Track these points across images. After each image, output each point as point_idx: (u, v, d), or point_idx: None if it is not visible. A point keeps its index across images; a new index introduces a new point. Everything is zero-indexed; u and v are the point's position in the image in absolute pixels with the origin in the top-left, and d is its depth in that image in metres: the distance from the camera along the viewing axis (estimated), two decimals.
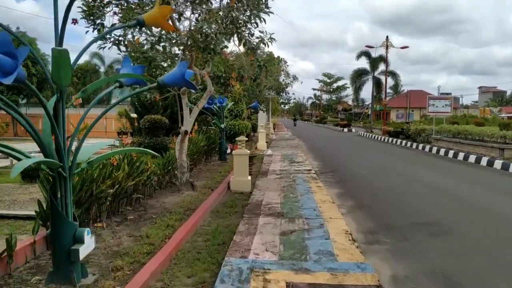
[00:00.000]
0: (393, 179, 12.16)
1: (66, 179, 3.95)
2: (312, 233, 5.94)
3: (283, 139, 29.75)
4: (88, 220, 5.77)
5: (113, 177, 6.18)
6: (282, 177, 11.38)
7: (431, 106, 23.54)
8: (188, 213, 6.80)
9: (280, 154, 17.92)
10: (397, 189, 10.44)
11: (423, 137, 24.74)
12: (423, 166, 15.52)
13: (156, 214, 6.76)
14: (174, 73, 3.96)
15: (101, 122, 32.96)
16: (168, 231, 5.64)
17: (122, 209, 6.83)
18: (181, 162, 8.60)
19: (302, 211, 7.33)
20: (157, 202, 7.71)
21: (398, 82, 40.33)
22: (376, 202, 8.88)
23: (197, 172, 11.67)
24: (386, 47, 34.17)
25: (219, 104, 13.28)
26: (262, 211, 7.32)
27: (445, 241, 6.14)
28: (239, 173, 9.51)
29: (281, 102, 38.90)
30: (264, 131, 21.07)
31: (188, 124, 8.78)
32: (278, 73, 24.85)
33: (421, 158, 18.50)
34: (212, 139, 14.18)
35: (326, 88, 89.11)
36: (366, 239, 6.21)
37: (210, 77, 9.79)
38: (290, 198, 8.45)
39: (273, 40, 8.55)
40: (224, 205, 7.88)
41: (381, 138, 31.02)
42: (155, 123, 11.87)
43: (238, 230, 6.08)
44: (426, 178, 12.34)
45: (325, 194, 8.95)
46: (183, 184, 8.64)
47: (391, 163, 16.14)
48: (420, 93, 67.35)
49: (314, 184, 10.33)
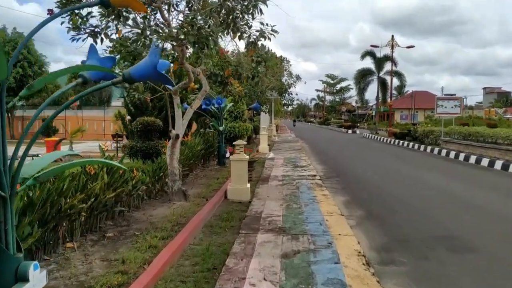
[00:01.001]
0: (403, 184, 11.28)
1: (5, 200, 3.09)
2: (319, 255, 5.07)
3: (286, 142, 28.88)
4: (56, 240, 4.93)
5: (88, 189, 5.34)
6: (284, 184, 10.51)
7: (439, 107, 22.62)
8: (176, 228, 5.95)
9: (283, 158, 17.06)
10: (408, 196, 9.57)
11: (431, 139, 23.81)
12: (433, 170, 14.62)
13: (140, 230, 5.91)
14: (144, 64, 3.09)
15: (99, 124, 32.22)
16: (149, 254, 4.79)
17: (101, 224, 5.99)
18: (172, 169, 7.76)
19: (307, 225, 6.46)
20: (144, 214, 6.86)
21: (404, 83, 39.28)
22: (387, 212, 8.04)
23: (193, 179, 10.83)
24: (391, 46, 33.27)
25: (217, 105, 12.43)
26: (262, 225, 6.46)
27: (471, 261, 5.32)
28: (237, 180, 8.66)
29: (284, 104, 38.00)
30: (266, 133, 20.21)
31: (180, 127, 7.94)
32: (280, 73, 23.99)
33: (430, 161, 17.60)
34: (210, 142, 13.33)
35: (329, 89, 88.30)
36: (380, 259, 5.36)
37: (206, 76, 8.95)
38: (293, 209, 7.58)
39: (275, 33, 7.71)
40: (219, 218, 7.02)
41: (386, 140, 30.10)
42: (147, 125, 11.02)
43: (232, 251, 5.22)
44: (438, 183, 11.46)
45: (332, 204, 8.08)
46: (175, 193, 7.79)
47: (399, 167, 15.25)
48: (425, 94, 66.31)
49: (320, 192, 9.46)
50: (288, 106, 42.40)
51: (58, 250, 4.89)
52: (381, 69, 38.59)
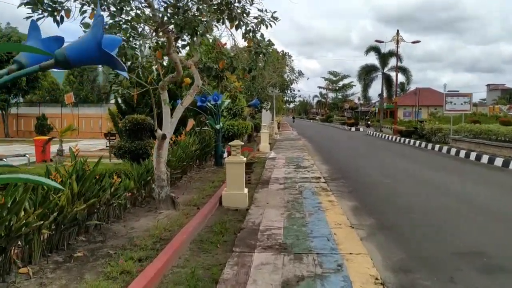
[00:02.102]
0: (414, 187, 10.36)
1: None
2: (328, 283, 4.16)
3: (288, 140, 27.95)
4: (8, 265, 4.04)
5: (49, 202, 4.44)
6: (286, 188, 9.61)
7: (448, 104, 21.63)
8: (159, 245, 5.06)
9: (285, 157, 16.15)
10: (423, 202, 8.67)
11: (439, 137, 22.83)
12: (445, 170, 13.69)
13: (116, 247, 5.02)
14: (84, 41, 2.14)
15: (96, 122, 31.35)
16: (120, 284, 3.90)
17: (71, 241, 5.11)
18: (159, 173, 6.86)
19: (312, 241, 5.55)
20: (125, 227, 5.97)
21: (410, 79, 38.18)
22: (401, 221, 7.16)
23: (186, 182, 9.93)
24: (396, 41, 32.22)
25: (213, 102, 11.51)
26: (259, 241, 5.55)
27: (506, 285, 4.44)
28: (234, 185, 7.76)
29: (286, 100, 37.00)
30: (267, 131, 19.28)
31: (168, 127, 7.03)
32: (282, 68, 23.01)
33: (439, 160, 16.65)
34: (206, 141, 12.41)
35: (332, 86, 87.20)
36: (399, 283, 4.49)
37: (199, 69, 8.05)
38: (296, 220, 6.67)
39: (276, 20, 6.79)
40: (211, 230, 6.12)
41: (392, 138, 29.14)
42: (137, 123, 10.12)
43: (222, 277, 4.32)
44: (454, 186, 10.55)
45: (339, 213, 7.16)
46: (162, 201, 6.90)
47: (408, 167, 14.32)
48: (428, 91, 65.23)
49: (325, 197, 8.55)
50: (290, 103, 41.34)
51: (9, 277, 4.00)
52: (386, 65, 37.54)
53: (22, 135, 31.06)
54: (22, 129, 31.95)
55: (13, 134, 31.56)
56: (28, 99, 42.16)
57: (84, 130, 30.95)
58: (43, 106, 34.52)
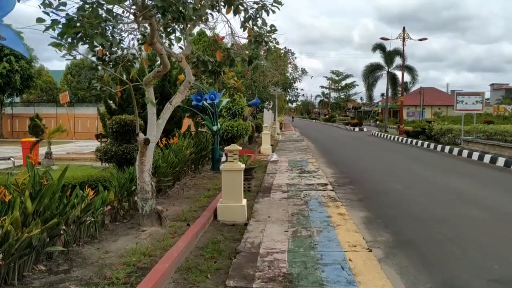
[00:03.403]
0: (428, 194, 9.38)
1: None
2: None
3: (290, 140, 26.93)
4: None
5: None
6: (290, 197, 8.60)
7: (459, 103, 20.57)
8: (134, 278, 4.09)
9: (287, 160, 15.14)
10: (439, 210, 7.77)
11: (450, 138, 21.78)
12: (458, 173, 12.72)
13: (81, 280, 4.04)
14: None
15: (92, 123, 30.38)
16: None
17: (26, 271, 4.13)
18: (142, 184, 5.87)
19: (323, 270, 4.54)
20: (98, 249, 4.99)
21: (416, 78, 37.00)
22: (420, 234, 6.26)
23: (179, 190, 8.94)
24: (403, 38, 31.15)
25: (210, 101, 10.52)
26: (259, 270, 4.55)
27: None
28: (230, 196, 6.77)
29: (288, 100, 35.93)
30: (268, 133, 18.25)
31: (154, 129, 6.04)
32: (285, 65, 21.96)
33: (451, 163, 15.63)
34: (202, 144, 11.41)
35: (334, 86, 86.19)
36: None
37: (192, 64, 7.07)
38: (302, 240, 5.66)
39: (279, 5, 5.81)
40: (201, 254, 5.13)
41: (398, 139, 28.09)
42: (125, 125, 9.15)
43: None
44: (469, 191, 9.66)
45: (352, 230, 6.16)
46: (146, 216, 5.91)
47: (418, 170, 13.31)
48: (432, 90, 64.15)
49: (334, 209, 7.55)
50: (292, 102, 40.28)
51: None
52: (391, 64, 36.43)
53: (17, 136, 30.12)
54: (17, 130, 31.01)
55: (7, 135, 30.65)
56: (25, 99, 41.27)
57: (81, 130, 30.00)
58: (39, 106, 33.66)
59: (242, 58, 5.89)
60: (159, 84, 11.48)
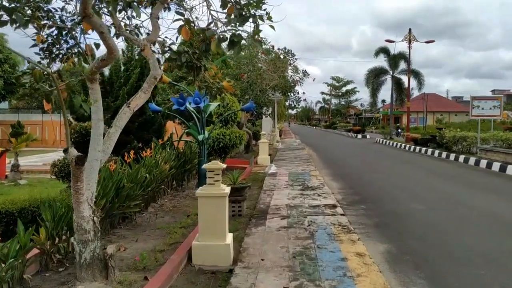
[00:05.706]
0: (462, 218, 7.62)
1: None
2: None
3: (291, 149, 25.12)
4: None
5: None
6: (291, 226, 6.79)
7: (475, 109, 18.82)
8: None
9: (287, 173, 13.35)
10: (483, 242, 5.99)
11: (464, 146, 20.00)
12: (486, 190, 10.96)
13: None
14: None
15: None
16: None
17: None
18: (79, 220, 4.09)
19: None
20: None
21: (422, 83, 35.18)
22: (468, 282, 4.46)
23: (152, 215, 7.14)
24: (409, 41, 29.50)
25: (194, 105, 8.75)
26: None
27: None
28: (210, 231, 4.97)
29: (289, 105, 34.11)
30: (266, 141, 16.43)
31: (99, 142, 4.29)
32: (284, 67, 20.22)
33: (472, 175, 13.82)
34: (186, 156, 9.62)
35: (335, 92, 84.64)
36: None
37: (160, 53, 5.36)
38: None
39: None
40: None
41: (405, 147, 26.28)
42: (86, 134, 7.41)
43: None
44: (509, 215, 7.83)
45: (381, 285, 4.35)
46: (85, 266, 4.11)
47: (437, 185, 11.52)
48: (433, 96, 62.44)
49: (349, 245, 5.74)
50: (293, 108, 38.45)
51: None
52: (396, 68, 34.75)
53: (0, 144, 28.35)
54: (0, 138, 29.23)
55: None
56: (14, 105, 39.54)
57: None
58: (28, 113, 32.07)
59: (218, 36, 4.10)
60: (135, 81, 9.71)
